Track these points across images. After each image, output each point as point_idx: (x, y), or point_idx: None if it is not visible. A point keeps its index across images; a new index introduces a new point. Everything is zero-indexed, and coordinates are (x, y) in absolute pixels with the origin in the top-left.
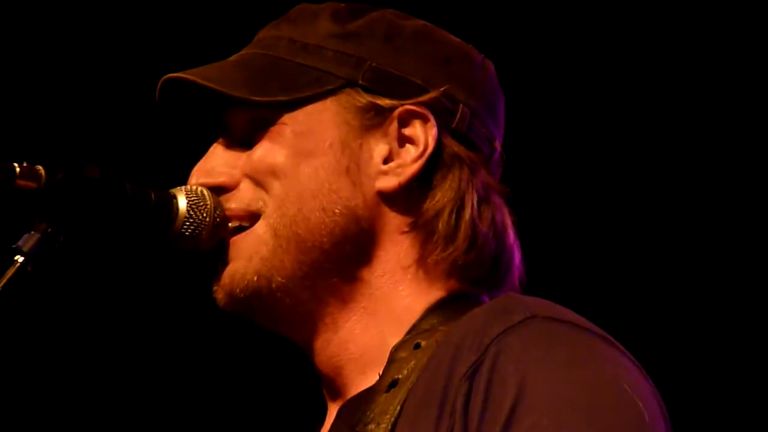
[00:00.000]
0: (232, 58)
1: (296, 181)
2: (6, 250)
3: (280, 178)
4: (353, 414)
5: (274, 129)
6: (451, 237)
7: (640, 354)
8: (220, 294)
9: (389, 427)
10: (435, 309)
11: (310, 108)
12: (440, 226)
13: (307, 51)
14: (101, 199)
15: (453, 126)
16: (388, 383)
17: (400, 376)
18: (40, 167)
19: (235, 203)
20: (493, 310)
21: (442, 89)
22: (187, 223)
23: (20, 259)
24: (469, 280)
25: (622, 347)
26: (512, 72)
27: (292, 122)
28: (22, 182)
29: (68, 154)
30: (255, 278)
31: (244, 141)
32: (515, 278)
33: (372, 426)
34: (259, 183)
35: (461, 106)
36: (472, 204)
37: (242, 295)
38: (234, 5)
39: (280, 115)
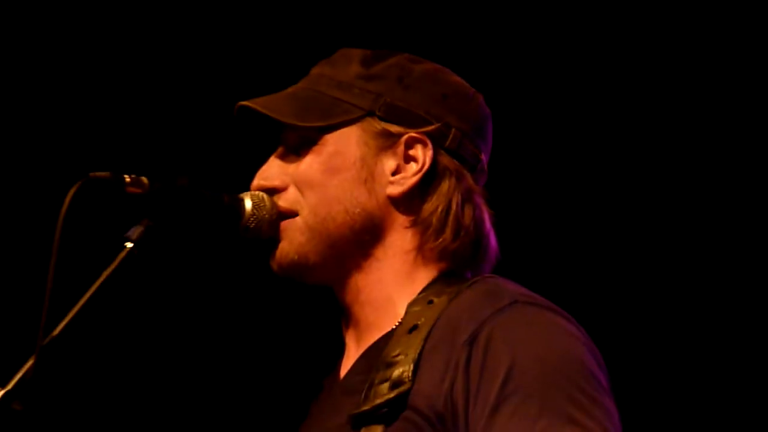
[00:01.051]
0: (290, 89)
1: (326, 191)
2: (119, 239)
3: (315, 189)
4: (380, 351)
5: (315, 147)
6: (440, 230)
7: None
8: (274, 265)
9: (416, 355)
10: (437, 280)
11: (340, 132)
12: (433, 221)
13: (341, 87)
14: (189, 201)
15: (446, 145)
16: (409, 327)
17: (419, 323)
18: (144, 178)
19: (283, 202)
20: (485, 293)
21: (439, 124)
22: (252, 219)
23: (129, 245)
24: (456, 262)
25: (573, 319)
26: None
27: (327, 142)
28: (131, 189)
29: (159, 166)
30: (296, 257)
31: (295, 153)
32: (492, 258)
33: (402, 356)
34: (300, 190)
35: (453, 130)
36: (457, 204)
37: (287, 267)
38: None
39: (319, 136)
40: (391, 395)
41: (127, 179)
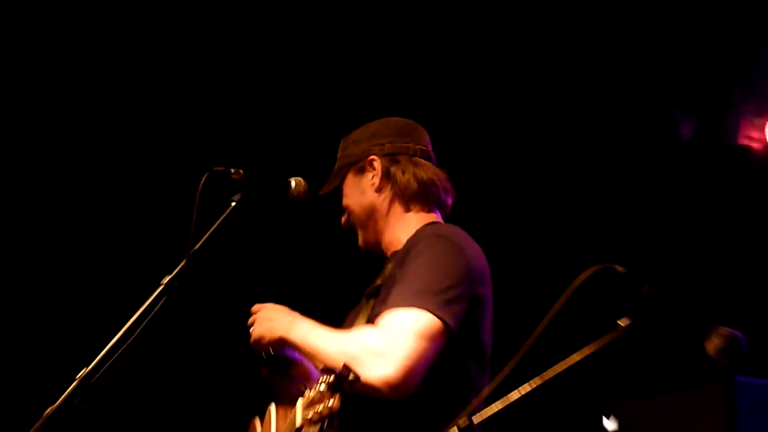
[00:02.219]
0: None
1: (354, 208)
2: (226, 203)
3: (350, 209)
4: (390, 259)
5: (344, 196)
6: (403, 189)
7: None
8: (361, 246)
9: (390, 268)
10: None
11: (346, 181)
12: (400, 187)
13: (353, 145)
14: (263, 182)
15: (386, 152)
16: (398, 251)
17: (399, 250)
18: (240, 170)
19: (346, 217)
20: (429, 230)
21: (377, 147)
22: (294, 191)
23: (233, 204)
24: (423, 206)
25: (462, 245)
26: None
27: (345, 191)
28: (234, 176)
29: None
30: (362, 243)
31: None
32: (446, 201)
33: (388, 268)
34: (347, 204)
35: (386, 145)
36: (397, 173)
37: (364, 248)
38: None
39: (341, 189)
40: (379, 282)
41: (232, 171)
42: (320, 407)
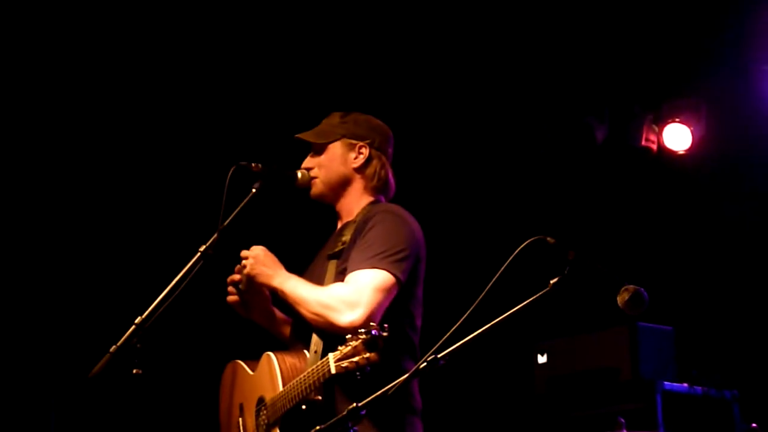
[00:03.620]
0: (316, 128)
1: (330, 169)
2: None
3: (325, 167)
4: (345, 228)
5: (325, 151)
6: (372, 178)
7: None
8: (311, 195)
9: (352, 231)
10: (371, 203)
11: (333, 144)
12: (369, 175)
13: (332, 126)
14: (276, 173)
15: (375, 146)
16: (355, 221)
17: (356, 219)
18: (259, 164)
19: (313, 173)
20: (378, 208)
21: (370, 139)
22: (301, 181)
23: (254, 190)
24: (378, 192)
25: (409, 218)
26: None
27: (329, 149)
28: (254, 169)
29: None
30: (318, 193)
31: (318, 153)
32: (391, 189)
33: (347, 234)
34: (319, 168)
35: (377, 140)
36: (375, 167)
37: (316, 196)
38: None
39: (325, 146)
40: (341, 246)
41: (253, 164)
42: (358, 358)
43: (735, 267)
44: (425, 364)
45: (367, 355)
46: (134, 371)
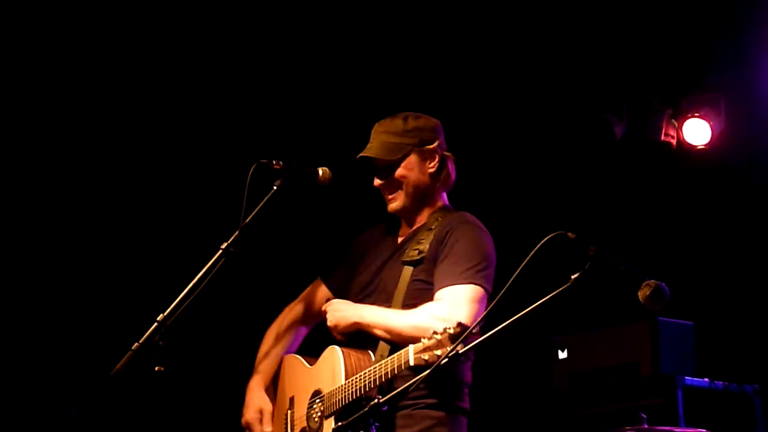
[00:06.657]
0: (374, 142)
1: (412, 183)
2: (270, 186)
3: (408, 181)
4: (419, 235)
5: (400, 167)
6: (446, 180)
7: None
8: (392, 209)
9: (428, 244)
10: (441, 208)
11: (406, 159)
12: (444, 178)
13: (398, 137)
14: (297, 170)
15: (444, 150)
16: (429, 227)
17: (432, 226)
18: (280, 161)
19: (392, 192)
20: (455, 216)
21: (437, 142)
22: (321, 178)
23: (275, 187)
24: (444, 190)
25: (486, 230)
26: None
27: (403, 164)
28: (275, 166)
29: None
30: (399, 208)
31: (390, 170)
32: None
33: (425, 242)
34: (397, 186)
35: (441, 142)
36: (448, 168)
37: (395, 212)
38: None
39: (400, 162)
40: (418, 255)
41: (274, 162)
42: (439, 351)
43: (755, 261)
44: (446, 360)
45: (449, 347)
46: (156, 369)
